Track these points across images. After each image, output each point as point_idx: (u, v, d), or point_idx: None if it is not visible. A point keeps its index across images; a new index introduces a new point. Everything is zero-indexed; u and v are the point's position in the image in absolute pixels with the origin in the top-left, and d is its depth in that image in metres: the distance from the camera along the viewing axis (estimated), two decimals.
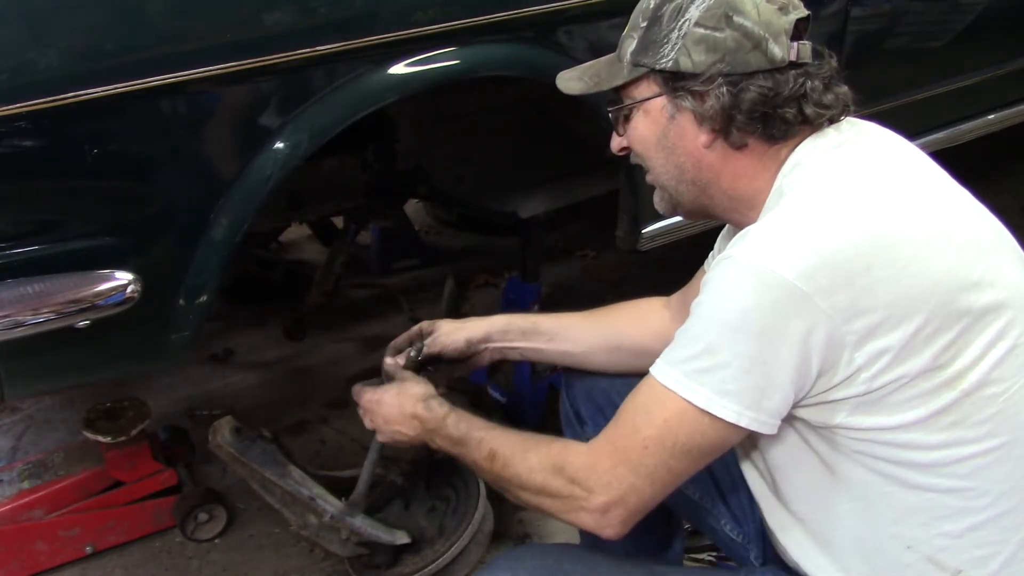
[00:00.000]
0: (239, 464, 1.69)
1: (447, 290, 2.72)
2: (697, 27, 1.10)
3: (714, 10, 1.10)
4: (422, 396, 1.37)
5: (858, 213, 1.03)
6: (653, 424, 1.07)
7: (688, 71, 1.11)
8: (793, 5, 1.13)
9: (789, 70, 1.10)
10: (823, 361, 1.02)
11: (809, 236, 1.01)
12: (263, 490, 1.73)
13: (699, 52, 1.10)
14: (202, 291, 1.48)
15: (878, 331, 1.01)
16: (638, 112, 1.19)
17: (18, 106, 1.22)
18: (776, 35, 1.09)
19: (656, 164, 1.21)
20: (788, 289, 0.99)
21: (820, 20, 2.06)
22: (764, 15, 1.09)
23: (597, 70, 1.24)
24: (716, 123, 1.12)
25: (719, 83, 1.10)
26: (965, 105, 2.63)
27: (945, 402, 1.04)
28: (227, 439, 1.66)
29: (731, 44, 1.09)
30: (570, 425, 1.59)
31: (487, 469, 1.23)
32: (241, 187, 1.44)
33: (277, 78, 1.42)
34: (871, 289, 1.00)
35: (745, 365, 1.02)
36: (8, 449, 2.33)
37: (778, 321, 1.00)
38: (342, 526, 1.72)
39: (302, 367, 2.67)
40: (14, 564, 1.90)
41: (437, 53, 1.54)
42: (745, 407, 1.03)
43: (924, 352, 1.02)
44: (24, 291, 1.32)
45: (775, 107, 1.10)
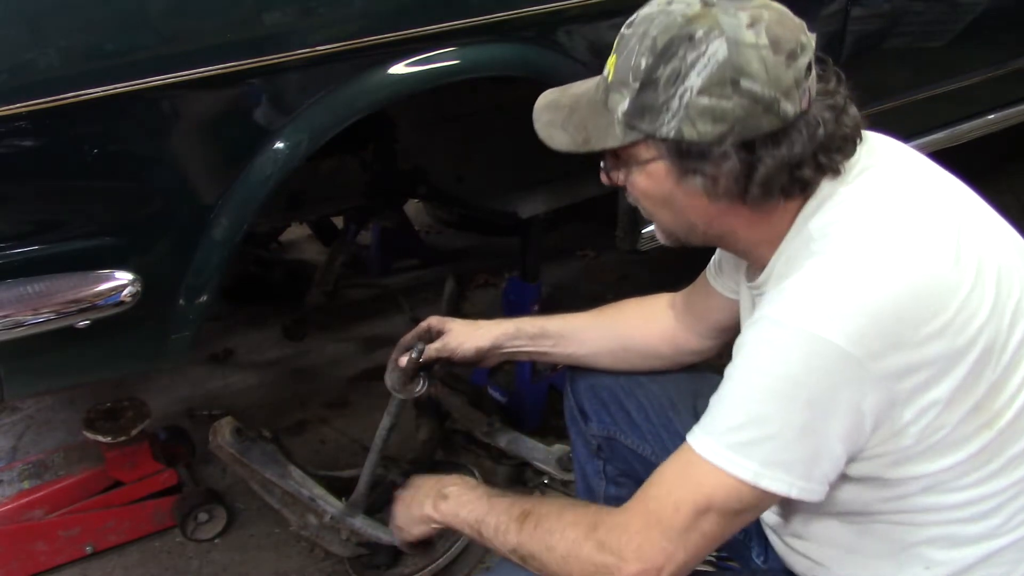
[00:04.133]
0: (239, 465, 1.69)
1: (447, 290, 2.71)
2: (700, 96, 0.98)
3: (718, 76, 0.98)
4: (433, 496, 1.33)
5: (899, 263, 0.98)
6: (688, 489, 1.03)
7: (694, 141, 1.01)
8: (801, 46, 1.01)
9: (801, 119, 1.01)
10: (875, 422, 0.99)
11: (855, 296, 0.96)
12: (263, 490, 1.73)
13: (705, 123, 1.00)
14: (202, 291, 1.48)
15: (928, 385, 0.98)
16: (637, 171, 1.09)
17: (18, 106, 1.22)
18: (787, 91, 0.99)
19: (662, 218, 1.14)
20: (839, 355, 0.95)
21: (820, 20, 2.06)
22: (773, 71, 0.98)
23: (582, 119, 1.10)
24: (730, 195, 1.04)
25: (730, 155, 1.01)
26: (965, 105, 2.63)
27: (984, 442, 1.03)
28: (227, 440, 1.67)
29: (740, 112, 0.98)
30: (574, 421, 1.59)
31: (516, 530, 1.17)
32: (241, 187, 1.44)
33: (277, 78, 1.42)
34: (920, 346, 0.97)
35: (795, 435, 0.98)
36: (8, 449, 2.33)
37: (829, 388, 0.96)
38: (342, 527, 1.72)
39: (302, 367, 2.67)
40: (14, 564, 1.90)
41: (437, 53, 1.54)
42: (796, 477, 0.99)
43: (969, 398, 1.00)
44: (24, 291, 1.32)
45: (792, 171, 1.02)
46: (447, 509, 1.29)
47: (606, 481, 1.58)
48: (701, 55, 0.98)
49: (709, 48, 0.98)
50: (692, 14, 1.00)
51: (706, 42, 0.98)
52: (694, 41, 0.98)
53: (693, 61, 0.98)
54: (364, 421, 2.41)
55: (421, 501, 1.34)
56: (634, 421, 1.50)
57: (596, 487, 1.59)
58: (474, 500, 1.26)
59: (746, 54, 0.97)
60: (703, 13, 1.00)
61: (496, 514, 1.21)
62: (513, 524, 1.17)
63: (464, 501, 1.27)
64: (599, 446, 1.56)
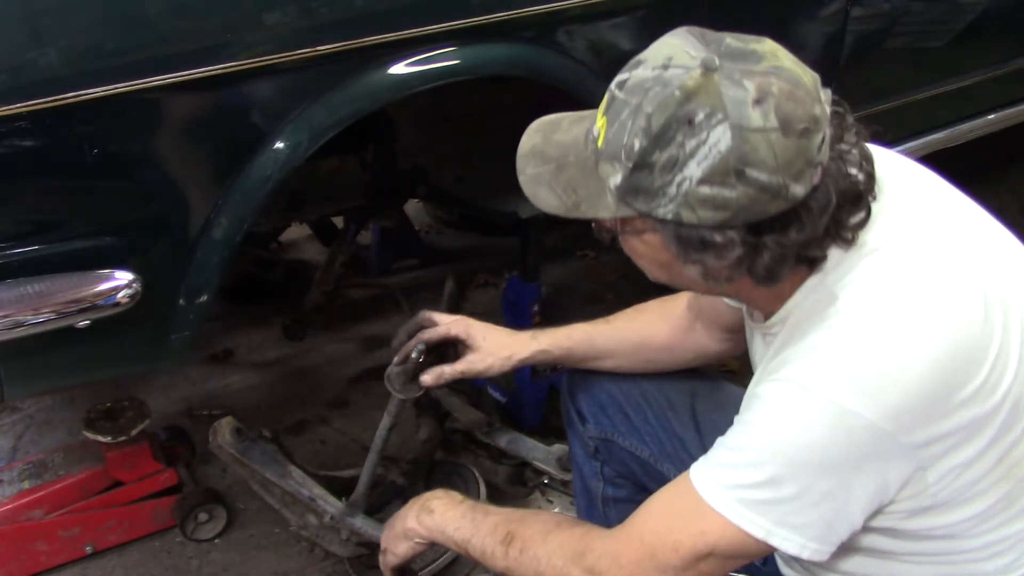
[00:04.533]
0: (239, 465, 1.69)
1: (447, 290, 2.71)
2: (701, 186, 0.89)
3: (720, 167, 0.88)
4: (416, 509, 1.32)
5: (934, 333, 0.93)
6: (690, 533, 1.00)
7: (693, 224, 0.93)
8: (814, 120, 0.89)
9: (812, 196, 0.92)
10: (899, 488, 0.97)
11: (890, 371, 0.92)
12: (263, 490, 1.73)
13: (705, 210, 0.91)
14: (202, 291, 1.48)
15: (955, 448, 0.96)
16: (633, 237, 1.02)
17: (18, 106, 1.22)
18: (798, 174, 0.89)
19: (658, 277, 1.07)
20: (871, 430, 0.92)
21: (820, 20, 2.06)
22: (783, 157, 0.88)
23: (571, 179, 1.01)
24: (732, 279, 0.98)
25: (734, 241, 0.93)
26: (965, 105, 2.63)
27: (1002, 493, 1.02)
28: (227, 440, 1.67)
29: (744, 201, 0.89)
30: (571, 423, 1.59)
31: (502, 554, 1.15)
32: (241, 187, 1.44)
33: (277, 78, 1.42)
34: (952, 414, 0.94)
35: (813, 501, 0.95)
36: (8, 449, 2.33)
37: (854, 459, 0.94)
38: (342, 527, 1.72)
39: (302, 367, 2.67)
40: (14, 564, 1.90)
41: (437, 53, 1.54)
42: (808, 539, 0.97)
43: (993, 454, 0.99)
44: (24, 291, 1.32)
45: (799, 251, 0.96)
46: (432, 524, 1.28)
47: (604, 482, 1.57)
48: (701, 143, 0.88)
49: (711, 136, 0.88)
50: (691, 86, 0.89)
51: (707, 128, 0.88)
52: (694, 127, 0.88)
53: (692, 150, 0.89)
54: (364, 421, 2.41)
55: (404, 516, 1.33)
56: (632, 423, 1.50)
57: (594, 488, 1.59)
58: (458, 518, 1.25)
59: (752, 141, 0.87)
60: (704, 84, 0.88)
61: (481, 536, 1.19)
62: (499, 548, 1.16)
63: (450, 518, 1.26)
64: (596, 448, 1.56)
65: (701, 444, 1.41)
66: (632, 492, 1.55)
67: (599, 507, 1.59)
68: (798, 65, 0.93)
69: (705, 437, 1.42)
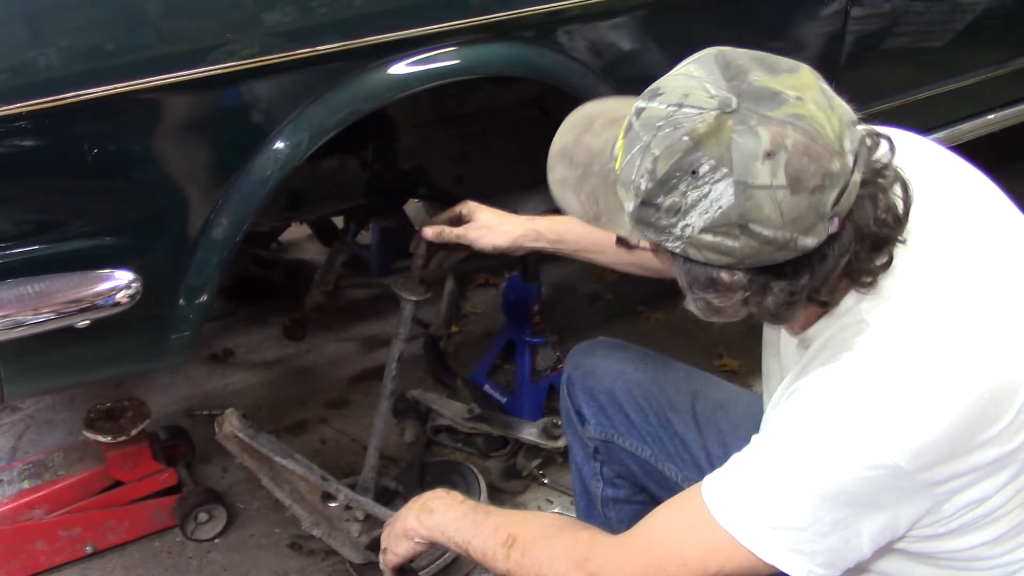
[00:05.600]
0: (248, 453, 1.68)
1: (447, 290, 2.71)
2: (704, 234, 0.88)
3: (722, 221, 0.87)
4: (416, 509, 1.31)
5: (966, 377, 0.91)
6: (700, 549, 1.00)
7: (700, 262, 0.92)
8: (830, 176, 0.85)
9: (829, 244, 0.89)
10: (912, 520, 0.97)
11: (919, 417, 0.90)
12: (272, 484, 1.71)
13: (711, 253, 0.90)
14: (202, 291, 1.48)
15: (972, 485, 0.96)
16: (653, 252, 1.01)
17: (18, 106, 1.21)
18: (808, 228, 0.86)
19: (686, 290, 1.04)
20: (890, 468, 0.91)
21: (820, 20, 2.06)
22: (790, 214, 0.85)
23: (594, 190, 1.00)
24: (741, 312, 0.96)
25: (739, 279, 0.92)
26: (965, 105, 2.62)
27: (1018, 520, 1.02)
28: (236, 426, 1.65)
29: (748, 251, 0.88)
30: (571, 424, 1.59)
31: (503, 556, 1.14)
32: (241, 187, 1.44)
33: (277, 78, 1.42)
34: (971, 455, 0.94)
35: (825, 530, 0.95)
36: (8, 449, 2.33)
37: (871, 494, 0.94)
38: (358, 506, 1.70)
39: (302, 367, 2.67)
40: (14, 564, 1.90)
41: (437, 53, 1.54)
42: (816, 565, 0.97)
43: (1010, 488, 0.99)
44: (24, 291, 1.31)
45: (810, 294, 0.93)
46: (432, 524, 1.27)
47: (603, 482, 1.57)
48: (703, 196, 0.86)
49: (712, 191, 0.86)
50: (702, 132, 0.86)
51: (710, 183, 0.86)
52: (697, 178, 0.86)
53: (694, 201, 0.87)
54: (364, 421, 2.41)
55: (405, 516, 1.33)
56: (633, 423, 1.49)
57: (593, 488, 1.59)
58: (459, 519, 1.24)
59: (756, 198, 0.85)
60: (715, 129, 0.85)
61: (482, 537, 1.19)
62: (500, 551, 1.15)
63: (450, 519, 1.25)
64: (596, 448, 1.56)
65: (702, 444, 1.41)
66: (631, 492, 1.55)
67: (598, 507, 1.59)
68: (825, 109, 0.87)
69: (706, 437, 1.42)
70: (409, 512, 1.33)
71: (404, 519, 1.33)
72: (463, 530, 1.22)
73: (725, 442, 1.37)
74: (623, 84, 1.69)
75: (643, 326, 2.73)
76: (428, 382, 2.54)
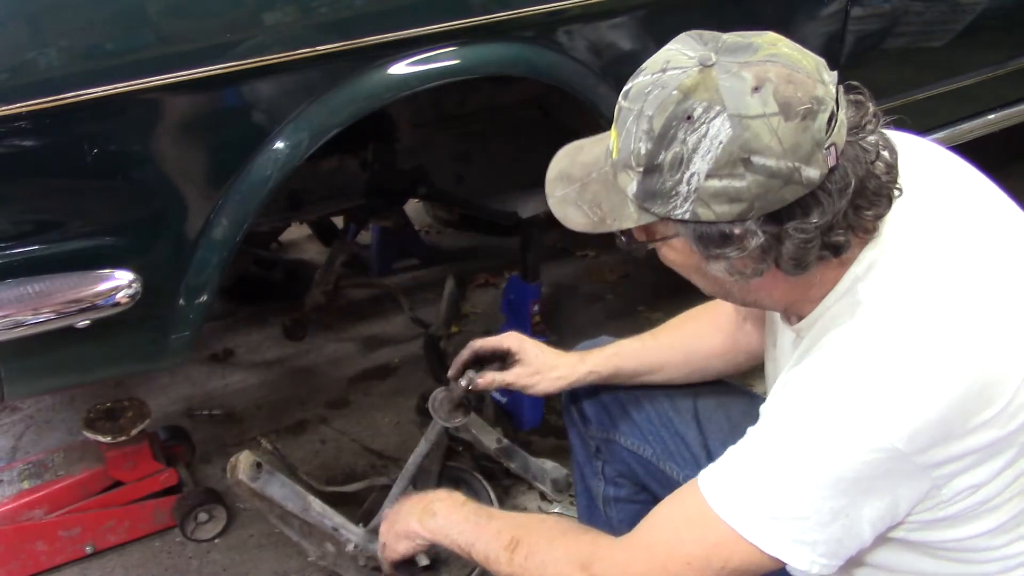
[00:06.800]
0: (259, 500, 1.67)
1: (447, 290, 2.71)
2: (710, 180, 0.89)
3: (726, 158, 0.88)
4: (419, 511, 1.31)
5: (961, 361, 0.92)
6: (702, 545, 1.00)
7: (712, 221, 0.92)
8: (816, 100, 0.88)
9: (829, 179, 0.91)
10: (911, 505, 0.97)
11: (914, 399, 0.91)
12: (281, 523, 1.71)
13: (720, 204, 0.90)
14: (202, 291, 1.48)
15: (969, 469, 0.96)
16: (661, 245, 1.01)
17: (18, 106, 1.22)
18: (808, 157, 0.88)
19: (697, 283, 1.07)
20: (886, 451, 0.91)
21: (820, 20, 2.06)
22: (788, 140, 0.87)
23: (595, 195, 1.01)
24: (759, 271, 0.97)
25: (754, 231, 0.92)
26: (965, 105, 2.63)
27: (1016, 510, 1.02)
28: (248, 474, 1.63)
29: (756, 190, 0.89)
30: (573, 423, 1.59)
31: (506, 560, 1.14)
32: (241, 187, 1.44)
33: (277, 78, 1.42)
34: (967, 437, 0.94)
35: (826, 519, 0.95)
36: (8, 449, 2.33)
37: (868, 478, 0.94)
38: (363, 554, 1.70)
39: (302, 367, 2.67)
40: (14, 564, 1.90)
41: (437, 53, 1.54)
42: (819, 555, 0.97)
43: (1008, 475, 0.99)
44: (24, 291, 1.32)
45: (823, 237, 0.93)
46: (435, 527, 1.27)
47: (604, 482, 1.57)
48: (703, 137, 0.88)
49: (710, 129, 0.88)
50: (689, 84, 0.89)
51: (706, 122, 0.88)
52: (693, 121, 0.88)
53: (695, 145, 0.89)
54: (364, 421, 2.41)
55: (407, 517, 1.32)
56: (635, 422, 1.49)
57: (595, 487, 1.59)
58: (461, 522, 1.24)
59: (753, 128, 0.87)
60: (701, 80, 0.89)
61: (485, 540, 1.18)
62: (503, 554, 1.15)
63: (453, 521, 1.25)
64: (598, 447, 1.56)
65: (704, 443, 1.41)
66: (633, 492, 1.55)
67: (600, 506, 1.59)
68: (798, 51, 0.92)
69: (708, 436, 1.42)
70: (411, 513, 1.32)
71: (406, 520, 1.32)
72: (466, 533, 1.22)
73: (726, 441, 1.35)
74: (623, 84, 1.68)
75: (643, 326, 2.72)
76: (428, 382, 2.54)
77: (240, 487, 1.64)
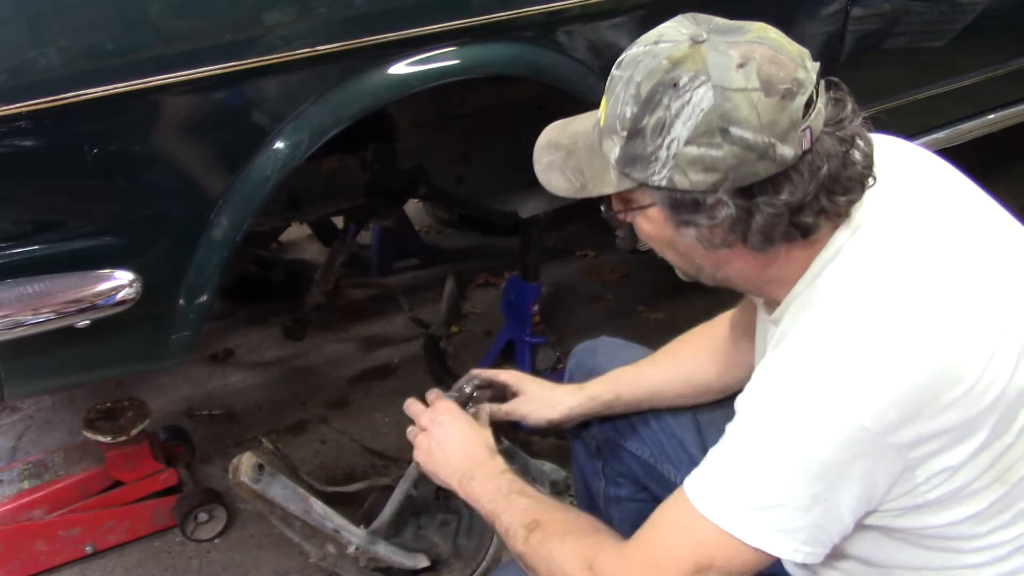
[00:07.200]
0: (261, 502, 1.67)
1: (447, 290, 2.71)
2: (688, 146, 0.93)
3: (705, 126, 0.92)
4: (490, 444, 1.33)
5: (926, 340, 0.94)
6: (689, 546, 1.01)
7: (687, 190, 0.96)
8: (797, 83, 0.93)
9: (802, 161, 0.94)
10: (887, 487, 0.98)
11: (879, 377, 0.92)
12: (282, 524, 1.71)
13: (696, 172, 0.94)
14: (202, 291, 1.48)
15: (942, 451, 0.97)
16: (638, 215, 1.05)
17: (18, 106, 1.22)
18: (784, 134, 0.92)
19: (670, 258, 1.10)
20: (856, 430, 0.92)
21: (820, 20, 2.06)
22: (766, 116, 0.91)
23: (579, 162, 1.06)
24: (728, 243, 1.00)
25: (726, 203, 0.95)
26: (965, 105, 2.63)
27: (996, 496, 1.02)
28: (249, 476, 1.63)
29: (732, 160, 0.93)
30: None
31: (522, 538, 1.15)
32: (241, 187, 1.44)
33: (277, 78, 1.42)
34: (937, 417, 0.94)
35: (804, 505, 0.96)
36: (8, 449, 2.33)
37: (842, 461, 0.94)
38: (365, 556, 1.70)
39: (302, 367, 2.67)
40: (14, 564, 1.90)
41: (437, 53, 1.54)
42: (801, 543, 0.98)
43: (984, 458, 0.99)
44: (24, 291, 1.32)
45: (792, 216, 0.96)
46: (470, 491, 1.28)
47: (605, 481, 1.58)
48: (686, 104, 0.93)
49: (694, 97, 0.92)
50: (678, 56, 0.94)
51: (690, 90, 0.92)
52: (678, 89, 0.93)
53: (678, 111, 0.93)
54: (364, 421, 2.41)
55: (451, 472, 1.31)
56: (632, 424, 1.49)
57: (595, 487, 1.59)
58: (495, 491, 1.25)
59: (734, 99, 0.92)
60: (690, 54, 0.94)
61: (511, 514, 1.19)
62: (521, 531, 1.16)
63: (488, 489, 1.26)
64: (598, 447, 1.56)
65: (702, 445, 1.41)
66: (633, 491, 1.55)
67: (600, 506, 1.59)
68: (784, 38, 0.97)
69: (706, 438, 1.42)
70: (453, 474, 1.31)
71: (447, 475, 1.31)
72: (496, 502, 1.23)
73: None
74: None
75: (643, 326, 2.73)
76: (428, 382, 2.54)
77: (242, 489, 1.64)
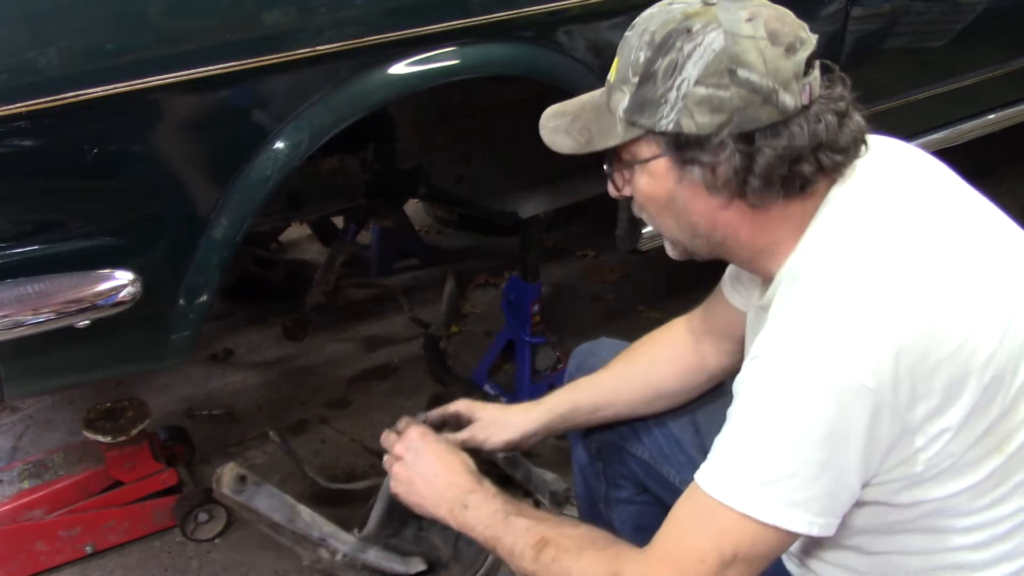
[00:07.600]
0: (247, 512, 1.66)
1: (447, 290, 2.71)
2: (698, 86, 0.99)
3: (715, 66, 0.98)
4: (471, 467, 1.30)
5: (910, 292, 0.97)
6: (711, 537, 1.01)
7: (692, 133, 1.01)
8: (800, 40, 1.01)
9: (802, 115, 1.00)
10: (888, 448, 0.99)
11: (869, 332, 0.95)
12: (272, 531, 1.70)
13: (703, 113, 1.00)
14: (202, 291, 1.48)
15: (938, 413, 0.98)
16: (639, 172, 1.08)
17: (18, 106, 1.22)
18: (786, 83, 0.99)
19: (665, 223, 1.13)
20: (855, 389, 0.94)
21: (820, 20, 2.06)
22: (771, 63, 0.98)
23: (586, 122, 1.11)
24: (730, 188, 1.03)
25: (729, 145, 1.00)
26: (965, 105, 2.63)
27: (993, 467, 1.03)
28: (232, 488, 1.62)
29: (738, 102, 0.98)
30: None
31: (531, 558, 1.13)
32: (241, 187, 1.44)
33: (277, 78, 1.42)
34: (930, 375, 0.96)
35: (813, 473, 0.97)
36: (8, 449, 2.33)
37: (844, 423, 0.95)
38: (355, 563, 1.69)
39: (302, 367, 2.67)
40: (14, 564, 1.90)
41: (437, 53, 1.54)
42: (815, 515, 0.99)
43: (980, 424, 1.00)
44: (24, 291, 1.32)
45: (791, 165, 1.01)
46: (464, 520, 1.25)
47: (606, 483, 1.57)
48: (698, 45, 0.99)
49: (706, 39, 0.99)
50: (692, 11, 1.02)
51: (703, 33, 0.99)
52: (692, 33, 1.00)
53: (690, 52, 0.99)
54: (364, 421, 2.41)
55: (438, 502, 1.29)
56: (632, 425, 1.49)
57: (596, 489, 1.59)
58: (491, 515, 1.23)
59: (743, 44, 0.99)
60: (703, 11, 1.02)
61: (513, 535, 1.18)
62: (530, 551, 1.14)
63: (483, 515, 1.23)
64: (598, 449, 1.56)
65: (701, 445, 1.41)
66: (634, 493, 1.55)
67: (601, 508, 1.59)
68: (786, 11, 1.05)
69: (705, 438, 1.41)
70: (441, 503, 1.28)
71: (436, 507, 1.28)
72: (493, 527, 1.21)
73: None
74: None
75: (643, 326, 2.72)
76: (428, 382, 2.54)
77: (225, 500, 1.63)
